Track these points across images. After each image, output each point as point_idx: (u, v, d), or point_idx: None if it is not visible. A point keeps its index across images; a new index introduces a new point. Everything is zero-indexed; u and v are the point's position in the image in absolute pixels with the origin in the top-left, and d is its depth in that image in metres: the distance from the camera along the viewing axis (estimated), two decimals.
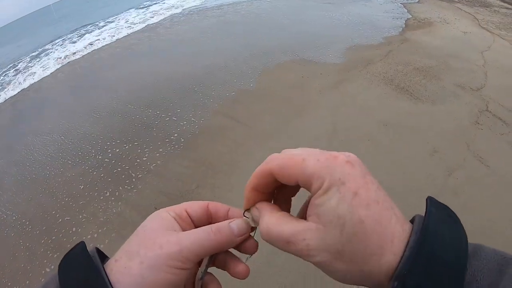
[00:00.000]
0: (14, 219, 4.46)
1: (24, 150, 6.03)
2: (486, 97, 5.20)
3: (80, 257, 0.47)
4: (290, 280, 2.98)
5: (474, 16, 8.96)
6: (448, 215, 0.45)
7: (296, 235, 0.45)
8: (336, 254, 0.43)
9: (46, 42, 13.80)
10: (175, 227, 0.52)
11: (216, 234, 0.51)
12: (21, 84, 9.55)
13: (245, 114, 5.43)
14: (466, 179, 3.83)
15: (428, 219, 0.43)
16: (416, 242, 0.41)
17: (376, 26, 8.46)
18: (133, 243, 0.49)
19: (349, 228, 0.42)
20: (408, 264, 0.40)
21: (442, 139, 4.43)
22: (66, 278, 0.45)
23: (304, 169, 0.45)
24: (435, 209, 0.45)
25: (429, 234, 0.41)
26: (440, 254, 0.40)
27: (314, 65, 6.65)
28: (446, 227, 0.43)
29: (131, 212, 4.05)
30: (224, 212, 0.56)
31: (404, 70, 6.11)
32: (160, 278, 0.46)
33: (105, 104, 6.80)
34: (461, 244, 0.42)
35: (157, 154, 4.89)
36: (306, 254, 0.44)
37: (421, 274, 0.39)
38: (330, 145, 4.47)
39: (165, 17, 12.65)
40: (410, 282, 0.39)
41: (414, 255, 0.40)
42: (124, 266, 0.46)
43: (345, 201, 0.42)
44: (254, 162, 4.44)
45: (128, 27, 12.28)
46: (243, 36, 9.26)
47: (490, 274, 0.40)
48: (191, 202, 0.57)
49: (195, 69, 7.37)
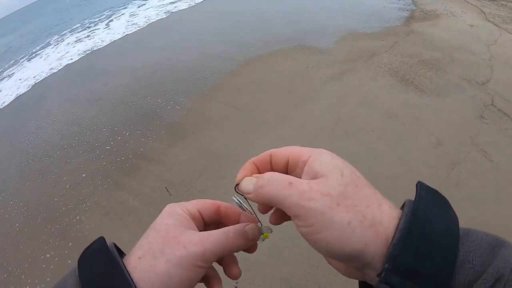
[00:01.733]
0: (18, 207, 4.50)
1: (27, 139, 6.06)
2: (491, 91, 5.17)
3: (100, 252, 0.49)
4: (292, 270, 3.01)
5: (481, 9, 8.87)
6: (438, 198, 0.46)
7: (300, 181, 0.46)
8: (339, 197, 0.43)
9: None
10: (192, 226, 0.53)
11: (234, 238, 0.52)
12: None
13: (249, 104, 5.42)
14: (469, 173, 3.83)
15: (418, 202, 0.44)
16: (406, 224, 0.41)
17: (382, 17, 8.38)
18: (155, 241, 0.49)
19: (347, 173, 0.45)
20: (399, 246, 0.40)
21: (446, 132, 4.41)
22: (86, 272, 0.47)
23: (294, 148, 0.51)
24: (425, 193, 0.46)
25: (419, 216, 0.42)
26: (430, 235, 0.40)
27: (318, 56, 6.61)
28: (436, 210, 0.44)
29: (134, 200, 4.06)
30: (235, 215, 0.57)
31: (409, 62, 6.07)
32: (185, 276, 0.47)
33: (107, 93, 6.80)
34: (452, 226, 0.42)
35: (160, 143, 4.90)
36: (307, 196, 0.43)
37: (411, 255, 0.39)
38: (333, 135, 4.47)
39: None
40: (401, 263, 0.39)
41: (404, 236, 0.40)
42: (150, 264, 0.47)
43: (337, 158, 0.47)
44: (259, 151, 4.28)
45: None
46: (247, 25, 9.21)
47: (482, 254, 0.40)
48: (201, 201, 0.57)
49: (198, 58, 7.35)
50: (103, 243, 0.50)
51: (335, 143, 4.35)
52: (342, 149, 4.25)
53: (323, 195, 0.43)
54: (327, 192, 0.43)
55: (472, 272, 0.39)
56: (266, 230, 0.57)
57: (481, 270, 0.39)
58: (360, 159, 4.05)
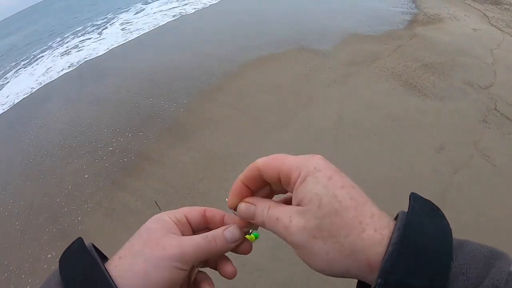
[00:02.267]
0: (20, 207, 4.51)
1: (29, 138, 6.08)
2: (494, 96, 5.16)
3: (80, 252, 0.50)
4: (293, 274, 3.00)
5: (484, 13, 8.85)
6: (432, 209, 0.46)
7: (284, 213, 0.48)
8: (315, 230, 0.44)
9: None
10: (175, 231, 0.55)
11: (212, 241, 0.54)
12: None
13: (251, 106, 5.42)
14: (472, 177, 3.82)
15: (411, 215, 0.43)
16: (399, 238, 0.41)
17: (386, 20, 8.38)
18: (137, 243, 0.52)
19: (325, 202, 0.45)
20: (391, 261, 0.40)
21: (449, 136, 4.41)
22: (67, 273, 0.48)
23: (285, 162, 0.50)
24: (418, 204, 0.46)
25: (412, 229, 0.41)
26: (423, 248, 0.40)
27: (322, 58, 6.61)
28: (429, 221, 0.43)
29: (137, 202, 4.07)
30: (220, 217, 0.59)
31: (412, 65, 6.07)
32: (162, 276, 0.49)
33: (111, 93, 6.82)
34: (445, 238, 0.42)
35: (162, 144, 4.90)
36: (288, 232, 0.47)
37: (405, 269, 0.39)
38: (336, 139, 4.47)
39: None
40: (393, 278, 0.39)
41: (396, 251, 0.40)
42: (129, 263, 0.49)
43: (320, 182, 0.46)
44: (262, 154, 4.31)
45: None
46: (250, 26, 9.22)
47: (477, 266, 0.40)
48: (190, 208, 0.59)
49: (200, 60, 7.36)
50: (82, 244, 0.52)
51: (338, 146, 4.34)
52: (345, 152, 4.25)
53: (300, 230, 0.46)
54: (303, 226, 0.45)
55: (466, 284, 0.39)
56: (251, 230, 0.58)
57: (476, 282, 0.38)
58: (363, 162, 4.05)
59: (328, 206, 0.45)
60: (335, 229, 0.44)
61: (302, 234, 0.45)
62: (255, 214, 0.52)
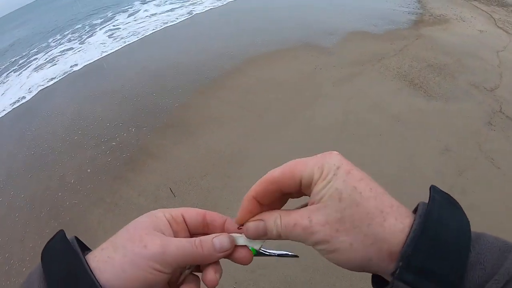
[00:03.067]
0: (21, 200, 4.52)
1: (32, 132, 6.10)
2: (500, 98, 5.14)
3: (61, 245, 0.49)
4: (296, 274, 3.00)
5: (491, 15, 8.82)
6: (451, 202, 0.48)
7: (301, 216, 0.48)
8: (337, 223, 0.45)
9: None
10: (166, 229, 0.53)
11: (198, 247, 0.51)
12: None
13: (256, 104, 5.42)
14: (476, 179, 3.81)
15: (431, 204, 0.45)
16: (420, 225, 0.42)
17: (392, 20, 8.35)
18: (121, 237, 0.50)
19: (345, 195, 0.45)
20: (413, 245, 0.41)
21: (453, 138, 4.39)
22: (49, 266, 0.47)
23: (306, 166, 0.49)
24: (438, 196, 0.47)
25: (433, 217, 0.43)
26: (443, 236, 0.42)
27: (327, 57, 6.58)
28: (449, 212, 0.45)
29: (139, 197, 4.07)
30: (220, 222, 0.56)
31: (418, 66, 6.05)
32: (139, 275, 0.47)
33: (116, 88, 6.82)
34: (463, 228, 0.44)
35: (166, 140, 4.90)
36: (310, 231, 0.46)
37: (425, 254, 0.41)
38: (340, 138, 4.46)
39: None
40: (415, 262, 0.41)
41: (418, 236, 0.42)
42: (108, 255, 0.48)
43: (340, 178, 0.46)
44: (265, 152, 4.41)
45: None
46: (255, 25, 9.21)
47: (492, 257, 0.41)
48: (189, 208, 0.57)
49: (204, 57, 7.36)
50: (63, 236, 0.51)
51: (342, 145, 4.33)
52: (349, 151, 4.23)
53: (322, 226, 0.46)
54: (325, 221, 0.46)
55: (483, 273, 0.41)
56: (252, 243, 0.55)
57: (491, 271, 0.40)
58: (367, 162, 4.04)
59: (348, 199, 0.45)
60: (358, 219, 0.44)
61: (325, 230, 0.46)
62: (266, 229, 0.51)
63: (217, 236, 0.53)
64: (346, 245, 0.45)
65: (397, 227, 0.44)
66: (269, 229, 0.51)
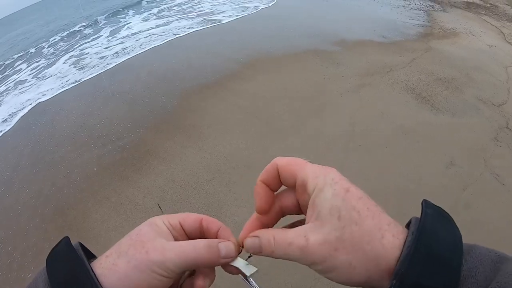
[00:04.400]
0: (26, 195, 4.54)
1: (40, 127, 6.14)
2: (507, 114, 5.14)
3: (65, 251, 0.51)
4: (296, 282, 3.00)
5: (500, 30, 8.82)
6: (443, 215, 0.48)
7: (298, 235, 0.48)
8: (336, 242, 0.45)
9: None
10: (167, 236, 0.54)
11: (203, 250, 0.52)
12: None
13: (264, 110, 5.43)
14: (480, 195, 3.80)
15: (424, 219, 0.45)
16: (413, 241, 0.43)
17: (401, 32, 8.37)
18: (125, 244, 0.51)
19: (344, 214, 0.46)
20: (406, 263, 0.42)
21: (459, 152, 4.39)
22: (54, 271, 0.48)
23: (303, 169, 0.51)
24: (430, 210, 0.48)
25: (426, 233, 0.43)
26: (436, 251, 0.42)
27: (336, 67, 6.60)
28: (441, 226, 0.46)
29: (145, 198, 4.08)
30: (215, 229, 0.57)
31: (426, 79, 6.05)
32: (143, 280, 0.48)
33: (125, 89, 6.87)
34: (456, 242, 0.44)
35: (173, 143, 4.92)
36: (307, 251, 0.46)
37: (419, 271, 0.41)
38: (347, 148, 4.47)
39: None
40: (409, 279, 0.41)
41: (411, 253, 0.42)
42: (112, 262, 0.49)
43: (339, 195, 0.47)
44: (271, 159, 4.28)
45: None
46: (264, 32, 9.27)
47: (485, 270, 0.42)
48: (186, 214, 0.58)
49: (214, 62, 7.39)
50: (68, 242, 0.52)
51: (348, 156, 4.34)
52: (356, 162, 4.25)
53: (320, 245, 0.46)
54: (323, 240, 0.46)
55: (475, 286, 0.41)
56: (249, 269, 0.55)
57: (484, 284, 0.40)
58: (373, 173, 4.05)
59: (348, 217, 0.46)
60: (357, 237, 0.45)
61: (323, 249, 0.46)
62: (261, 246, 0.52)
63: (223, 242, 0.54)
64: (345, 264, 0.45)
65: (395, 243, 0.45)
66: (263, 246, 0.51)
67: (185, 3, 14.27)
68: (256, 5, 11.92)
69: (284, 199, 0.57)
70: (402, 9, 10.65)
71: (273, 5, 11.81)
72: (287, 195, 0.56)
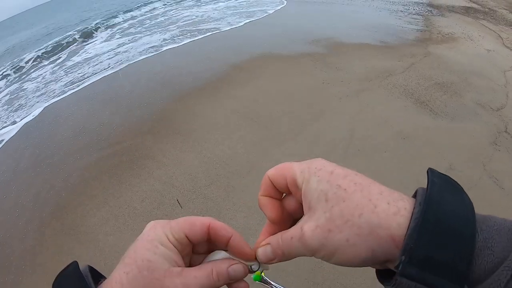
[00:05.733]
0: (24, 198, 4.52)
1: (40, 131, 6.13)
2: (505, 118, 5.14)
3: (72, 277, 0.49)
4: (298, 285, 2.99)
5: (499, 34, 8.84)
6: (452, 184, 0.46)
7: (295, 228, 0.49)
8: (328, 223, 0.44)
9: None
10: (177, 259, 0.51)
11: (216, 278, 0.51)
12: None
13: (263, 115, 5.44)
14: (480, 199, 3.78)
15: (430, 189, 0.43)
16: (421, 213, 0.40)
17: (400, 37, 8.41)
18: (136, 283, 0.48)
19: (331, 194, 0.45)
20: (414, 236, 0.39)
21: (458, 156, 4.38)
22: None
23: (290, 169, 0.52)
24: (437, 179, 0.45)
25: (433, 203, 0.41)
26: (446, 221, 0.40)
27: (335, 72, 6.63)
28: (450, 196, 0.43)
29: (143, 203, 4.07)
30: (226, 237, 0.54)
31: (425, 84, 6.06)
32: None
33: (125, 94, 6.88)
34: (467, 211, 0.41)
35: (172, 147, 4.92)
36: (304, 240, 0.46)
37: (428, 244, 0.39)
38: (346, 153, 4.47)
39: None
40: (418, 254, 0.39)
41: (419, 225, 0.39)
42: None
43: (323, 179, 0.47)
44: (271, 163, 4.21)
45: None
46: (263, 37, 9.30)
47: (502, 240, 0.39)
48: (191, 222, 0.53)
49: (213, 66, 7.42)
50: (76, 268, 0.51)
51: (347, 161, 4.33)
52: (354, 167, 4.16)
53: (314, 231, 0.45)
54: (315, 225, 0.45)
55: (492, 258, 0.38)
56: (257, 268, 0.55)
57: (501, 256, 0.38)
58: (372, 178, 3.99)
59: (334, 197, 0.45)
60: (347, 213, 0.44)
61: (317, 234, 0.45)
62: (272, 252, 0.51)
63: (232, 265, 0.53)
64: (343, 242, 0.43)
65: (390, 210, 0.43)
66: (274, 251, 0.51)
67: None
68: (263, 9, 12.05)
69: (287, 205, 0.56)
70: (401, 14, 10.72)
71: (275, 12, 11.87)
72: (289, 200, 0.56)
